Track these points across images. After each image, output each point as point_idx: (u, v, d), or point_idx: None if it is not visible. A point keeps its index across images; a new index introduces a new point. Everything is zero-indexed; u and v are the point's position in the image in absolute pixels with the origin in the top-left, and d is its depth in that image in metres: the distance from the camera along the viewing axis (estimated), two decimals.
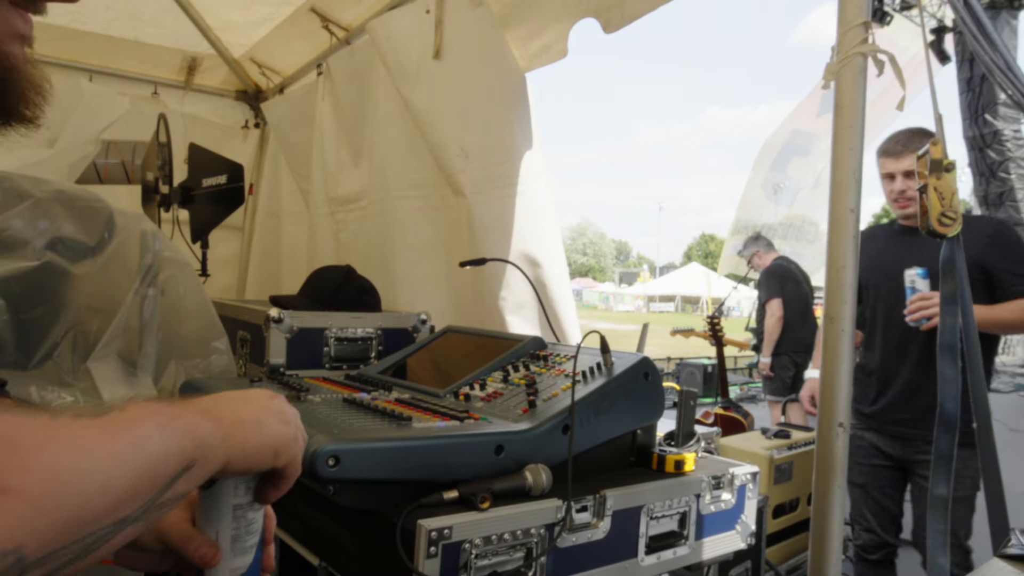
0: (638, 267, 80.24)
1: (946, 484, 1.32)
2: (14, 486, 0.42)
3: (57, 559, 0.46)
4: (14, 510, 0.42)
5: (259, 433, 0.65)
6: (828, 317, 1.29)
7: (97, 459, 0.49)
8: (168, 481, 0.54)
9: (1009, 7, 1.98)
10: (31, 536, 0.43)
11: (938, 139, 1.35)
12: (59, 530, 0.45)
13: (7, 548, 0.42)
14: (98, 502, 0.48)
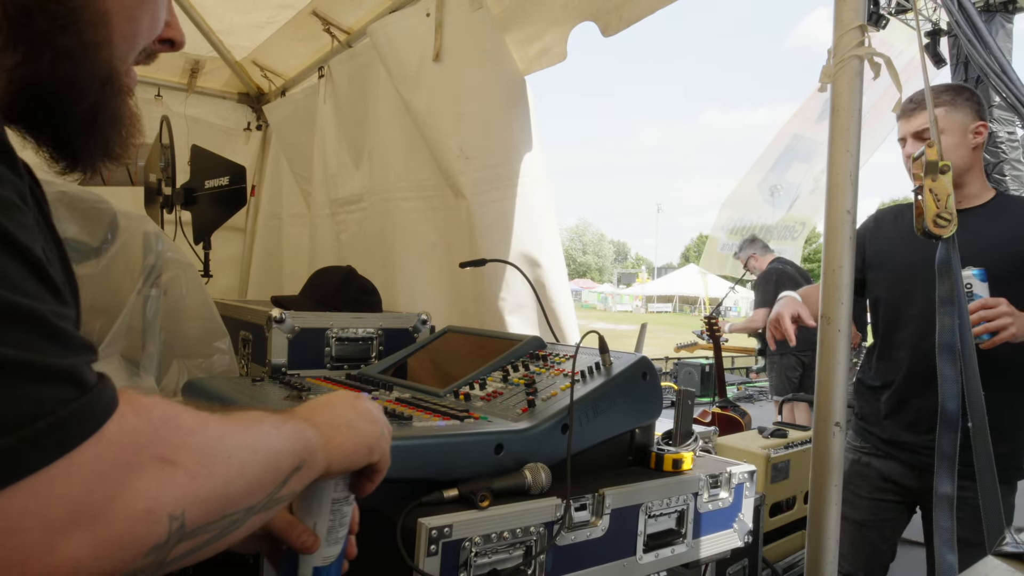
0: (636, 268, 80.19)
1: (951, 483, 1.33)
2: (177, 458, 0.49)
3: (204, 533, 0.52)
4: (178, 479, 0.48)
5: (353, 435, 0.72)
6: (824, 317, 1.30)
7: (234, 445, 0.55)
8: (285, 477, 0.61)
9: (1003, 10, 2.00)
10: (191, 504, 0.49)
11: (933, 141, 1.37)
12: (209, 504, 0.51)
13: (176, 512, 0.48)
14: (238, 484, 0.54)
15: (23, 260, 0.45)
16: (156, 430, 0.49)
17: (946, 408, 1.34)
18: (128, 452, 0.46)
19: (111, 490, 0.44)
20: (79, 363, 0.46)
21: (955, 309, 1.35)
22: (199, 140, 3.21)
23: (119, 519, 0.44)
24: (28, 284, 0.45)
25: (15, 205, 0.47)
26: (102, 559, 0.44)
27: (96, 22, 0.61)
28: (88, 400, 0.45)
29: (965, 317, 1.36)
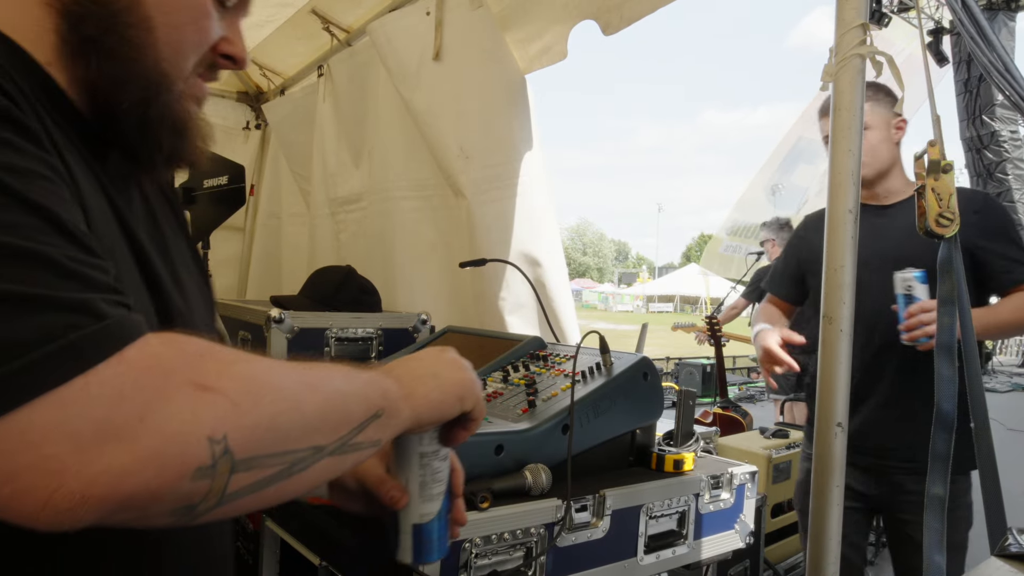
0: (637, 267, 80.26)
1: (943, 484, 1.32)
2: (215, 385, 0.50)
3: (263, 467, 0.52)
4: (218, 405, 0.49)
5: (439, 385, 0.72)
6: (826, 317, 1.29)
7: (288, 380, 0.56)
8: (359, 423, 0.61)
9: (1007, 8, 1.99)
10: (235, 430, 0.50)
11: (936, 140, 1.36)
12: (258, 433, 0.52)
13: (216, 434, 0.48)
14: (291, 417, 0.54)
15: (43, 218, 0.49)
16: (189, 358, 0.50)
17: (942, 408, 1.33)
18: (153, 375, 0.48)
19: (138, 409, 0.46)
20: (95, 298, 0.48)
21: (955, 309, 1.35)
22: None
23: (153, 436, 0.46)
24: (45, 235, 0.48)
25: (39, 174, 0.51)
26: (142, 473, 0.46)
27: (138, 25, 0.67)
28: (104, 327, 0.47)
29: (966, 317, 1.36)
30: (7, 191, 0.48)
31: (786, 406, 5.43)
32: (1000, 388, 9.28)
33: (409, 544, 0.80)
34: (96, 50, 0.66)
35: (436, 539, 0.80)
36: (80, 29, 0.65)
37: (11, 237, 0.46)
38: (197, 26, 0.73)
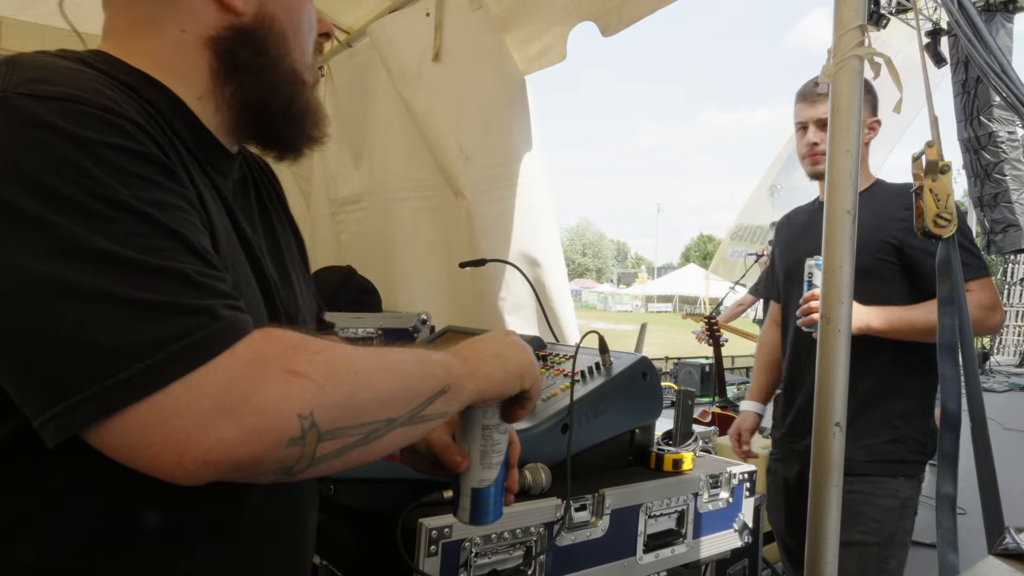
0: (636, 268, 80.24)
1: (952, 483, 1.33)
2: (303, 371, 0.61)
3: (345, 436, 0.63)
4: (307, 388, 0.60)
5: (502, 365, 0.80)
6: (824, 317, 1.30)
7: (363, 364, 0.66)
8: (427, 398, 0.70)
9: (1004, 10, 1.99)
10: (319, 407, 0.61)
11: (933, 141, 1.37)
12: (339, 409, 0.63)
13: (304, 411, 0.59)
14: (366, 395, 0.65)
15: (179, 241, 0.61)
16: (283, 350, 0.61)
17: (947, 408, 1.34)
18: (255, 364, 0.59)
19: (244, 391, 0.58)
20: (216, 304, 0.60)
21: (955, 309, 1.35)
22: None
23: (254, 413, 0.58)
24: (181, 255, 0.61)
25: (176, 206, 0.64)
26: (247, 443, 0.58)
27: (277, 40, 0.81)
28: (221, 327, 0.59)
29: (965, 317, 1.36)
30: (153, 221, 0.60)
31: None
32: (998, 388, 9.28)
33: (468, 506, 0.89)
34: (248, 71, 0.80)
35: (492, 503, 0.89)
36: (235, 57, 0.79)
37: (157, 258, 0.59)
38: (310, 23, 0.87)
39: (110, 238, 0.58)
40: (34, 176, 0.58)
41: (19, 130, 0.60)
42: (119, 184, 0.60)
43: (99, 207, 0.58)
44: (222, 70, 0.79)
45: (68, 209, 0.58)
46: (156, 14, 0.77)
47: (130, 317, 0.56)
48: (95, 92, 0.64)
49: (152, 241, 0.59)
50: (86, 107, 0.62)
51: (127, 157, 0.62)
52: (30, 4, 2.67)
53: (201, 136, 0.79)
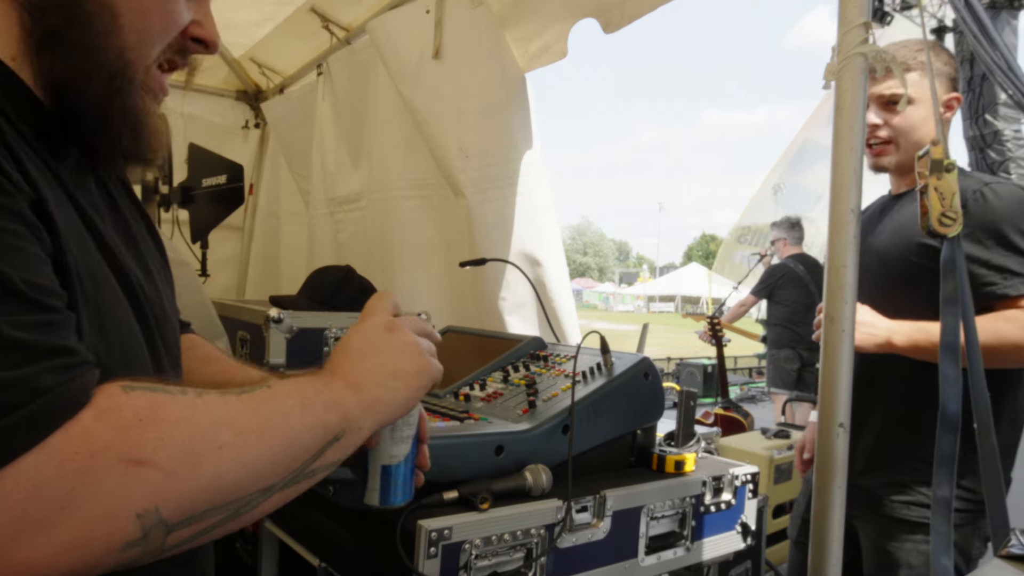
0: (638, 267, 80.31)
1: (949, 486, 1.31)
2: (148, 458, 0.50)
3: (203, 520, 0.53)
4: (150, 479, 0.50)
5: (403, 386, 0.71)
6: (828, 317, 1.29)
7: (233, 435, 0.55)
8: (315, 453, 0.61)
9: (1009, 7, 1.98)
10: (167, 501, 0.50)
11: (938, 139, 1.35)
12: (194, 497, 0.52)
13: (145, 509, 0.49)
14: (234, 474, 0.54)
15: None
16: (122, 432, 0.50)
17: (947, 409, 1.33)
18: (78, 459, 0.47)
19: (57, 498, 0.46)
20: (35, 371, 0.47)
21: (958, 309, 1.34)
22: (196, 138, 3.20)
23: (73, 523, 0.47)
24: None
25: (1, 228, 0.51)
26: (67, 557, 0.47)
27: (101, 12, 0.64)
28: (35, 409, 0.47)
29: (970, 317, 1.35)
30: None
31: (787, 406, 5.43)
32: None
33: (377, 486, 0.82)
34: (61, 42, 0.63)
35: (402, 483, 0.83)
36: (44, 21, 0.63)
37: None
38: (163, 10, 0.70)
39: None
40: None
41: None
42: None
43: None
44: (35, 32, 0.63)
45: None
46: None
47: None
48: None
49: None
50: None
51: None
52: None
53: (25, 104, 0.64)
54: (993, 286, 1.59)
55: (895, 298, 1.73)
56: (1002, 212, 1.61)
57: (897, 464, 1.74)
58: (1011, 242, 1.59)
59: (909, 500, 1.71)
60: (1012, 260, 1.59)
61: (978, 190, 1.63)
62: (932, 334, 1.52)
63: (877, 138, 1.76)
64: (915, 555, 1.69)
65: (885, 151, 1.76)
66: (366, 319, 0.78)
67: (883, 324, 1.65)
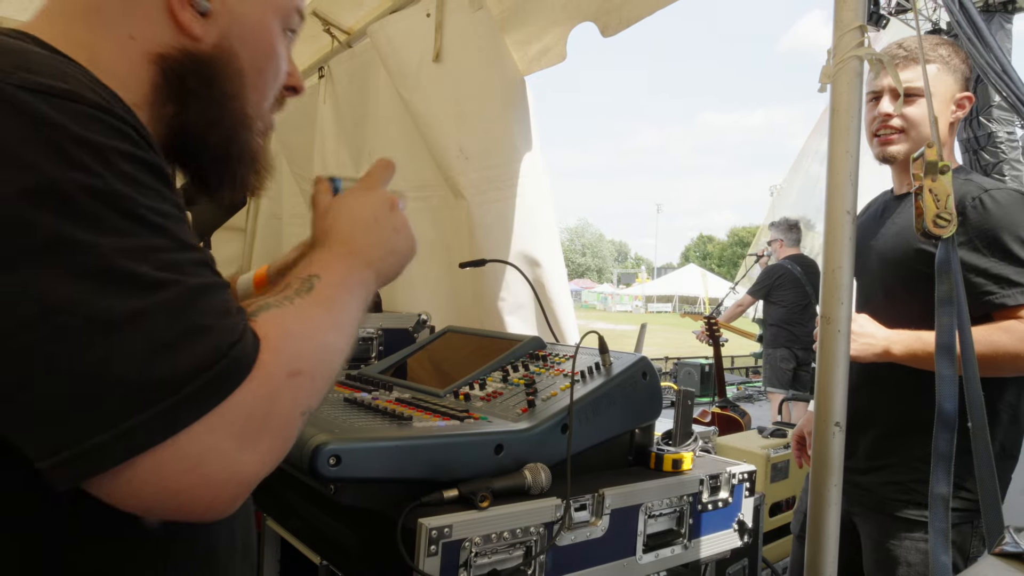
0: (636, 268, 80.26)
1: (947, 483, 1.32)
2: (300, 368, 0.64)
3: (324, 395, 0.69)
4: (304, 385, 0.64)
5: (396, 263, 0.92)
6: (824, 318, 1.30)
7: (333, 331, 0.70)
8: (358, 326, 0.76)
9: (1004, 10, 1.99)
10: (313, 399, 0.66)
11: (933, 141, 1.37)
12: (325, 388, 0.68)
13: (305, 408, 0.65)
14: (340, 360, 0.71)
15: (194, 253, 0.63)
16: (277, 353, 0.62)
17: (943, 408, 1.34)
18: (267, 384, 0.60)
19: (262, 416, 0.60)
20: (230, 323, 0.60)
21: (954, 309, 1.35)
22: None
23: (273, 433, 0.61)
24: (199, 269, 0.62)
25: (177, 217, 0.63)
26: (270, 461, 0.62)
27: (233, 78, 0.77)
28: (239, 353, 0.59)
29: (964, 317, 1.37)
30: (168, 235, 0.60)
31: (784, 405, 5.44)
32: None
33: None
34: (196, 99, 0.75)
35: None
36: (183, 82, 0.73)
37: (180, 275, 0.58)
38: (276, 70, 0.83)
39: (132, 256, 0.55)
40: (49, 184, 0.54)
41: (28, 130, 0.54)
42: (135, 195, 0.58)
43: (118, 220, 0.56)
44: (166, 89, 0.73)
45: (87, 223, 0.54)
46: (107, 8, 0.71)
47: (152, 348, 0.54)
48: (82, 87, 0.60)
49: (173, 256, 0.59)
50: (86, 107, 0.58)
51: (135, 165, 0.59)
52: (30, 4, 2.67)
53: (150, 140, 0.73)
54: (991, 295, 1.59)
55: (895, 302, 1.74)
56: (1001, 220, 1.60)
57: (897, 463, 1.75)
58: (1010, 251, 1.59)
59: (909, 499, 1.72)
60: (1010, 270, 1.58)
61: (977, 197, 1.62)
62: (929, 344, 1.52)
63: (889, 128, 1.74)
64: (914, 553, 1.70)
65: (895, 139, 1.74)
66: (372, 188, 0.95)
67: (881, 334, 1.65)
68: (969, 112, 1.82)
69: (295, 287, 0.71)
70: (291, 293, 0.70)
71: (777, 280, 5.68)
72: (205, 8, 0.73)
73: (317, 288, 0.72)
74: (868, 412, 1.79)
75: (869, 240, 1.85)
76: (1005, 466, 1.74)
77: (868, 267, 1.83)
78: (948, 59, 1.71)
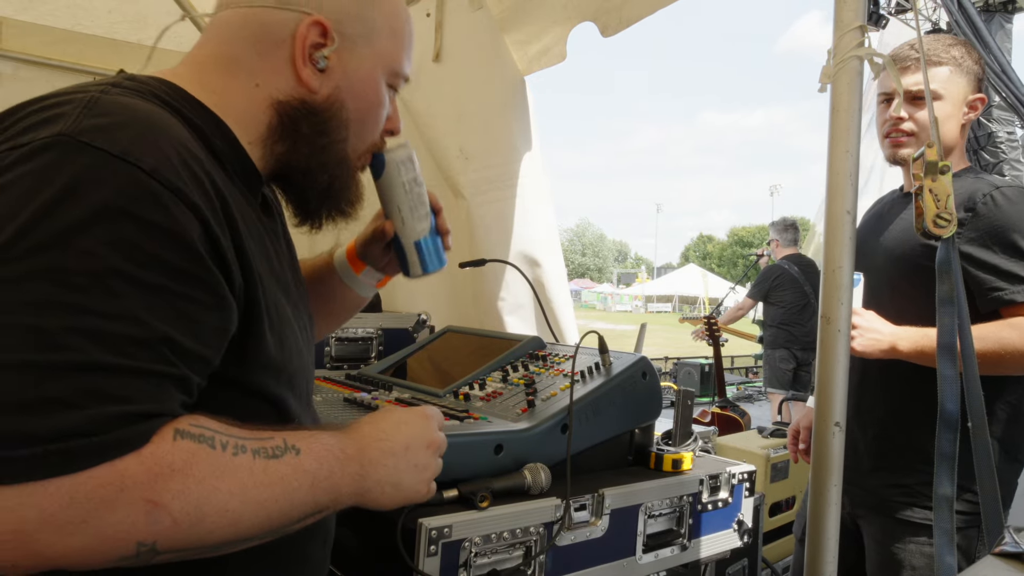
0: (636, 268, 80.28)
1: (950, 483, 1.32)
2: (165, 504, 0.60)
3: (185, 555, 0.64)
4: (160, 521, 0.60)
5: (394, 495, 0.82)
6: (824, 318, 1.30)
7: (241, 503, 0.64)
8: (297, 520, 0.71)
9: (1003, 10, 1.99)
10: (165, 539, 0.61)
11: (933, 141, 1.37)
12: (187, 542, 0.62)
13: (146, 541, 0.60)
14: (225, 532, 0.64)
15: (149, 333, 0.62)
16: (155, 476, 0.60)
17: (945, 408, 1.34)
18: (109, 489, 0.58)
19: (84, 513, 0.57)
20: (115, 411, 0.58)
21: (954, 309, 1.35)
22: None
23: (87, 535, 0.57)
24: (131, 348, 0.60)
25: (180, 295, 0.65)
26: (69, 558, 0.57)
27: (339, 126, 0.87)
28: (99, 442, 0.57)
29: (964, 317, 1.36)
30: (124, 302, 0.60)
31: (784, 405, 5.44)
32: None
33: (416, 260, 0.99)
34: (306, 142, 0.85)
35: (435, 250, 0.99)
36: (296, 126, 0.84)
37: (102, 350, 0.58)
38: (378, 118, 0.95)
39: (58, 310, 0.58)
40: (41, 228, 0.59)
41: (58, 185, 0.60)
42: (120, 258, 0.60)
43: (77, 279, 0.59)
44: (280, 130, 0.84)
45: (43, 271, 0.58)
46: (241, 60, 0.83)
47: (13, 402, 0.55)
48: (154, 151, 0.65)
49: (104, 325, 0.59)
50: (136, 170, 0.63)
51: (149, 232, 0.62)
52: (30, 4, 2.67)
53: (250, 178, 0.84)
54: (1000, 291, 1.59)
55: (901, 298, 1.74)
56: (1012, 217, 1.60)
57: (902, 465, 1.74)
58: (1020, 248, 1.59)
59: (913, 501, 1.72)
60: (1020, 266, 1.58)
61: (988, 193, 1.62)
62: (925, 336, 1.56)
63: (900, 131, 1.75)
64: (918, 556, 1.70)
65: (905, 142, 1.75)
66: (426, 418, 0.88)
67: (888, 330, 1.64)
68: None
69: (270, 443, 0.69)
70: (255, 445, 0.68)
71: (775, 281, 5.69)
72: (323, 65, 0.84)
73: (285, 460, 0.69)
74: (872, 412, 1.79)
75: (877, 237, 1.86)
76: (1011, 469, 1.73)
77: (876, 264, 1.83)
78: (961, 61, 1.70)
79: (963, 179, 1.69)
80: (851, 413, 1.44)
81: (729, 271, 59.69)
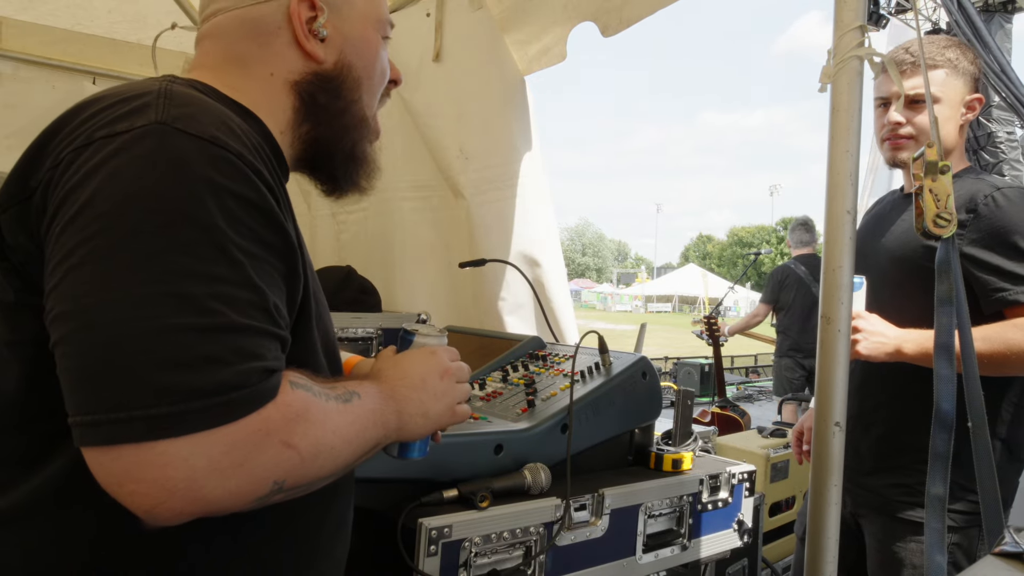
0: (636, 268, 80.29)
1: (943, 483, 1.32)
2: (296, 444, 0.68)
3: (298, 492, 0.72)
4: (291, 459, 0.68)
5: (425, 424, 0.89)
6: (824, 318, 1.30)
7: (340, 441, 0.74)
8: (365, 453, 0.80)
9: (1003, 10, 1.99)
10: (292, 476, 0.69)
11: (933, 141, 1.37)
12: (307, 477, 0.71)
13: (280, 478, 0.68)
14: (331, 467, 0.74)
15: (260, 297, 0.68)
16: (287, 421, 0.68)
17: (941, 408, 1.34)
18: (259, 435, 0.65)
19: (241, 458, 0.64)
20: (255, 367, 0.66)
21: (953, 309, 1.35)
22: None
23: (242, 476, 0.64)
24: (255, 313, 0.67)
25: (267, 260, 0.71)
26: (225, 501, 0.64)
27: (352, 86, 0.91)
28: (247, 393, 0.65)
29: (964, 317, 1.36)
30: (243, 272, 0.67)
31: (784, 406, 5.42)
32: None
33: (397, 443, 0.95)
34: (325, 112, 0.89)
35: (422, 442, 0.94)
36: (315, 99, 0.88)
37: (232, 311, 0.65)
38: (383, 70, 0.96)
39: (197, 280, 0.64)
40: (163, 207, 0.65)
41: (167, 167, 0.66)
42: (229, 230, 0.67)
43: (203, 248, 0.65)
44: (303, 109, 0.88)
45: (178, 245, 0.64)
46: (249, 56, 0.87)
47: (174, 361, 0.61)
48: (233, 136, 0.72)
49: (232, 291, 0.66)
50: (227, 152, 0.69)
51: (246, 207, 0.69)
52: (30, 4, 2.68)
53: (284, 168, 0.89)
54: (1004, 292, 1.58)
55: (902, 299, 1.74)
56: (1014, 218, 1.60)
57: (903, 465, 1.74)
58: (1022, 249, 1.58)
59: (914, 501, 1.72)
60: (1022, 267, 1.57)
61: (989, 194, 1.61)
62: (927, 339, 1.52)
63: (899, 135, 1.75)
64: (919, 556, 1.69)
65: (905, 145, 1.75)
66: (433, 355, 0.96)
67: (893, 333, 1.63)
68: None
69: (339, 391, 0.78)
70: (333, 393, 0.77)
71: (783, 282, 5.53)
72: (323, 34, 0.88)
73: (354, 403, 0.78)
74: (874, 412, 1.79)
75: (878, 238, 1.85)
76: (1014, 469, 1.73)
77: (877, 265, 1.82)
78: (956, 62, 1.70)
79: (963, 180, 1.69)
80: (853, 414, 1.44)
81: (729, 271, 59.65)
